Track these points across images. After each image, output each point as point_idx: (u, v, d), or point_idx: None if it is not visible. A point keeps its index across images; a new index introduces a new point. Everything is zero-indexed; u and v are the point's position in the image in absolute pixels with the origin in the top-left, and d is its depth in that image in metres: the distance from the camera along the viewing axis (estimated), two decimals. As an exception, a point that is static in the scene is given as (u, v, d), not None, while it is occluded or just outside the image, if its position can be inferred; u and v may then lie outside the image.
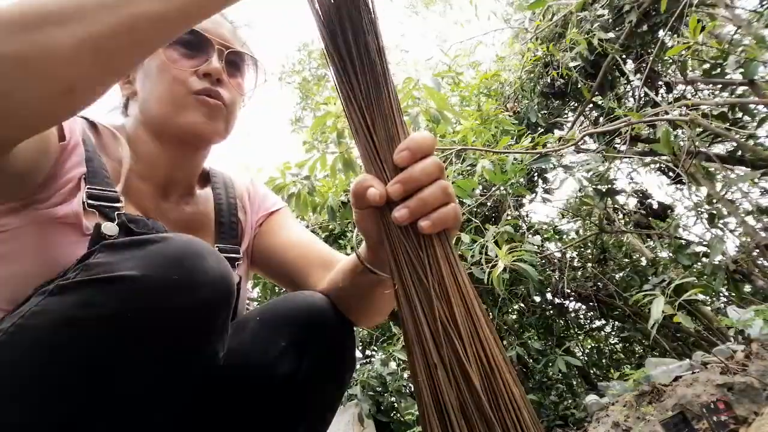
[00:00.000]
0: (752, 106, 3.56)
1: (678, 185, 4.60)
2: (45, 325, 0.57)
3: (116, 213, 0.75)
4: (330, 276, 0.88)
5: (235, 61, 0.91)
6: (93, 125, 0.85)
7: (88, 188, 0.75)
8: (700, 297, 3.77)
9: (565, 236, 5.37)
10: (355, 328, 0.88)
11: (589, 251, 5.08)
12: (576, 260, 5.10)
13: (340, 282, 0.84)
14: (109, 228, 0.71)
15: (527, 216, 4.83)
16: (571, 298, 5.11)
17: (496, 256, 2.54)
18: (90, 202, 0.74)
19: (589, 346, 5.68)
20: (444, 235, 0.58)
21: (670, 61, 3.97)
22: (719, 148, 4.21)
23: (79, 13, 0.51)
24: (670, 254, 4.16)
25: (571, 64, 3.83)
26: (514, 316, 5.00)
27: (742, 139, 3.56)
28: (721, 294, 4.28)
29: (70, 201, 0.72)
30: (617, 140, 3.83)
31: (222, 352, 0.68)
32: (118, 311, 0.56)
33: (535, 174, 4.34)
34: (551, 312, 5.04)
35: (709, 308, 4.36)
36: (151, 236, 0.62)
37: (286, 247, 0.97)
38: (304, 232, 1.02)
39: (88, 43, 0.51)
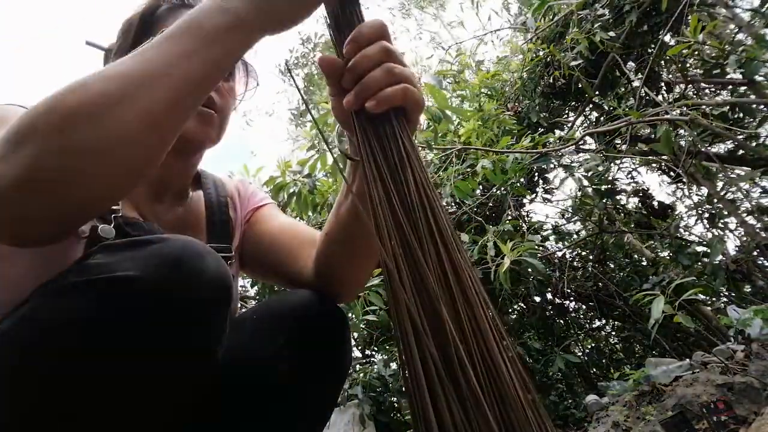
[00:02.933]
0: (753, 105, 3.56)
1: (678, 185, 4.60)
2: (43, 326, 0.56)
3: (113, 215, 0.75)
4: (317, 249, 0.89)
5: None
6: None
7: None
8: (700, 297, 3.77)
9: (565, 236, 5.37)
10: (354, 328, 0.89)
11: (589, 251, 5.08)
12: (576, 260, 5.10)
13: (324, 244, 0.86)
14: (106, 230, 0.72)
15: (527, 216, 4.83)
16: (571, 298, 5.11)
17: (497, 255, 2.54)
18: None
19: (589, 346, 5.67)
20: (401, 116, 0.61)
21: (671, 60, 3.96)
22: (719, 148, 4.21)
23: (129, 93, 0.54)
24: (670, 254, 4.16)
25: (572, 63, 3.83)
26: (514, 316, 5.00)
27: (743, 139, 3.56)
28: (721, 294, 4.28)
29: None
30: (618, 140, 3.83)
31: (220, 351, 0.68)
32: (116, 312, 0.56)
33: (536, 174, 4.34)
34: (551, 312, 5.04)
35: (709, 308, 4.35)
36: (149, 237, 0.62)
37: (273, 234, 0.98)
38: (290, 219, 1.03)
39: (146, 120, 0.54)
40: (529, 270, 2.66)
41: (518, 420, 0.44)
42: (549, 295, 4.87)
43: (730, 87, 3.86)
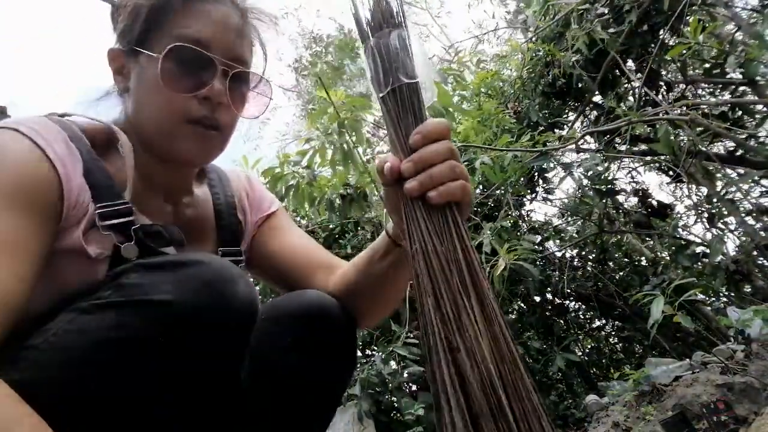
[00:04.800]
0: (752, 105, 3.55)
1: (678, 185, 4.60)
2: (79, 344, 0.58)
3: (132, 229, 0.74)
4: (337, 278, 0.90)
5: (239, 76, 0.83)
6: (82, 131, 0.78)
7: (98, 210, 0.72)
8: (700, 297, 3.77)
9: (563, 235, 5.36)
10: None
11: (589, 251, 5.07)
12: (576, 260, 5.10)
13: (352, 277, 0.87)
14: (129, 250, 0.72)
15: (527, 215, 4.83)
16: (571, 298, 5.11)
17: (495, 255, 2.54)
18: (103, 224, 0.72)
19: (589, 346, 5.67)
20: (453, 207, 0.64)
21: (671, 60, 3.96)
22: (719, 148, 4.20)
23: None
24: (670, 254, 4.16)
25: (575, 59, 3.82)
26: (514, 316, 4.99)
27: (743, 139, 3.56)
28: (721, 294, 4.28)
29: (75, 229, 0.71)
30: (617, 140, 3.83)
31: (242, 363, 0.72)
32: (151, 334, 0.58)
33: (536, 173, 4.33)
34: (551, 312, 5.03)
35: (709, 308, 4.35)
36: (183, 258, 0.64)
37: (287, 251, 0.98)
38: (302, 235, 1.03)
39: None
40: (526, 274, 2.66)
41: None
42: (549, 295, 4.87)
43: (730, 87, 3.86)
